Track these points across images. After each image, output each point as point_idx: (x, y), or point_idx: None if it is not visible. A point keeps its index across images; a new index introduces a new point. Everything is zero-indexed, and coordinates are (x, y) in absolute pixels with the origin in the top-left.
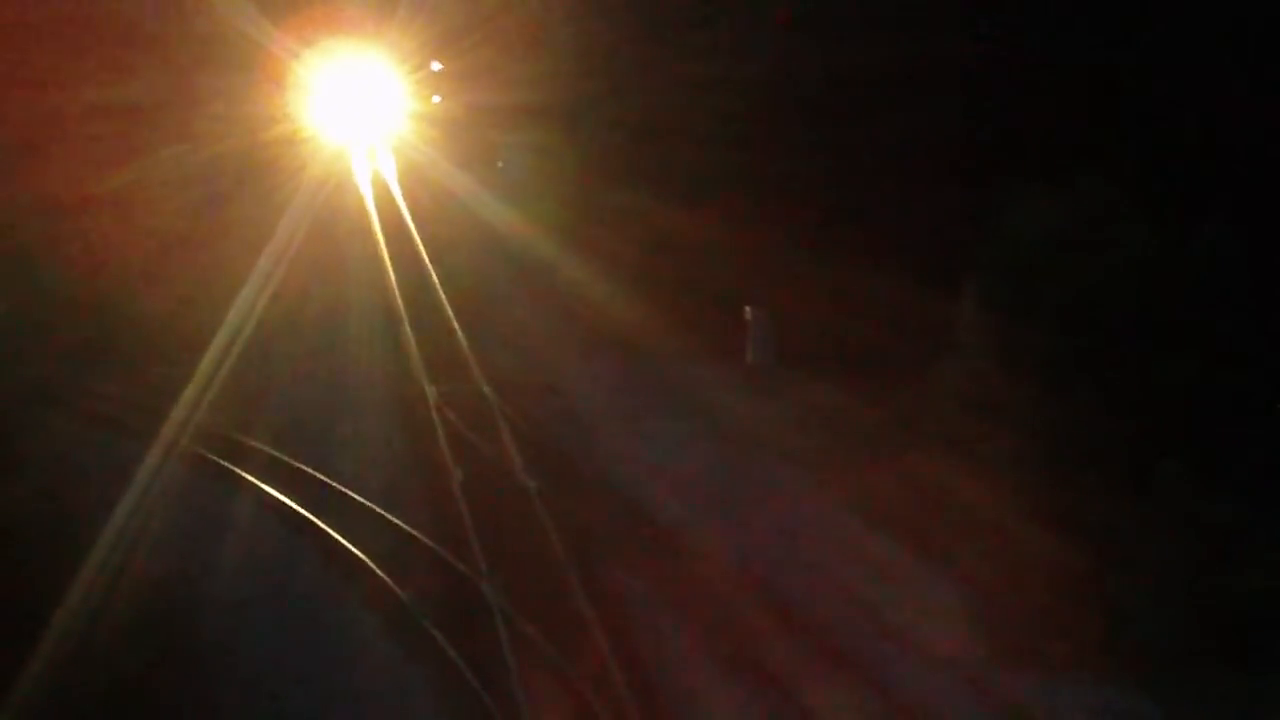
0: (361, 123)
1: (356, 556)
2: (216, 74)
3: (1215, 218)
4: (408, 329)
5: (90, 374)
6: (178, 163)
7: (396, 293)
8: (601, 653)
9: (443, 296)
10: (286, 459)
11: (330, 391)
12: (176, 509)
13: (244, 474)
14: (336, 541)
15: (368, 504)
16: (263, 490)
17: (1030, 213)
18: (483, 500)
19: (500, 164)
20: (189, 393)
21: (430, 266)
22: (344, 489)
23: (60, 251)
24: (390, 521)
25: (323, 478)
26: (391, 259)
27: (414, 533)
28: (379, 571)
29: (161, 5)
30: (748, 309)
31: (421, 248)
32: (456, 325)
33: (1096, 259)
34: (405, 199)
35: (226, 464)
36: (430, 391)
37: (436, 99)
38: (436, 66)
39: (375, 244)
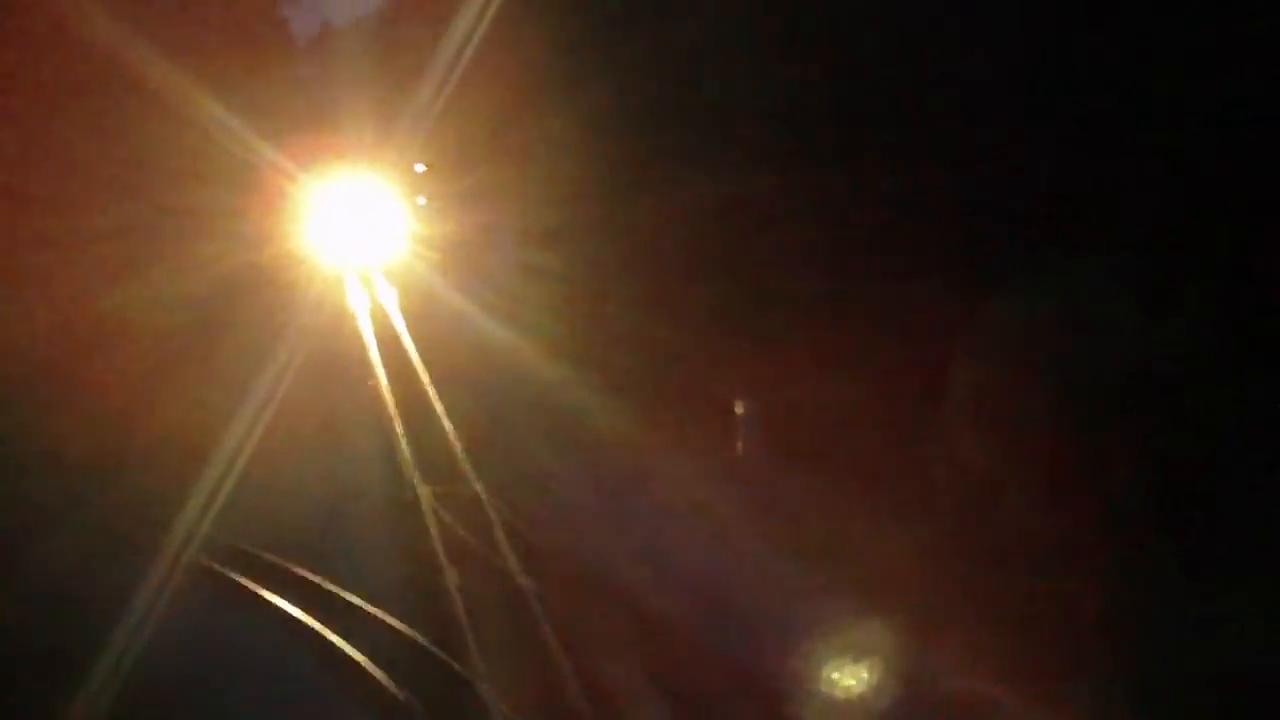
0: (359, 245)
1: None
2: (210, 194)
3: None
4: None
5: (90, 491)
6: (169, 285)
7: (395, 417)
8: None
9: (445, 422)
10: (287, 565)
11: (330, 513)
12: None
13: (243, 580)
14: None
15: (363, 605)
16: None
17: (1022, 298)
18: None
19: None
20: (188, 510)
21: (428, 386)
22: (339, 590)
23: (52, 376)
24: (385, 622)
25: (318, 580)
26: (392, 387)
27: (409, 632)
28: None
29: (152, 125)
30: (737, 404)
31: (420, 368)
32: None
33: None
34: (407, 327)
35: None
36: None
37: (421, 201)
38: (420, 168)
39: (372, 370)
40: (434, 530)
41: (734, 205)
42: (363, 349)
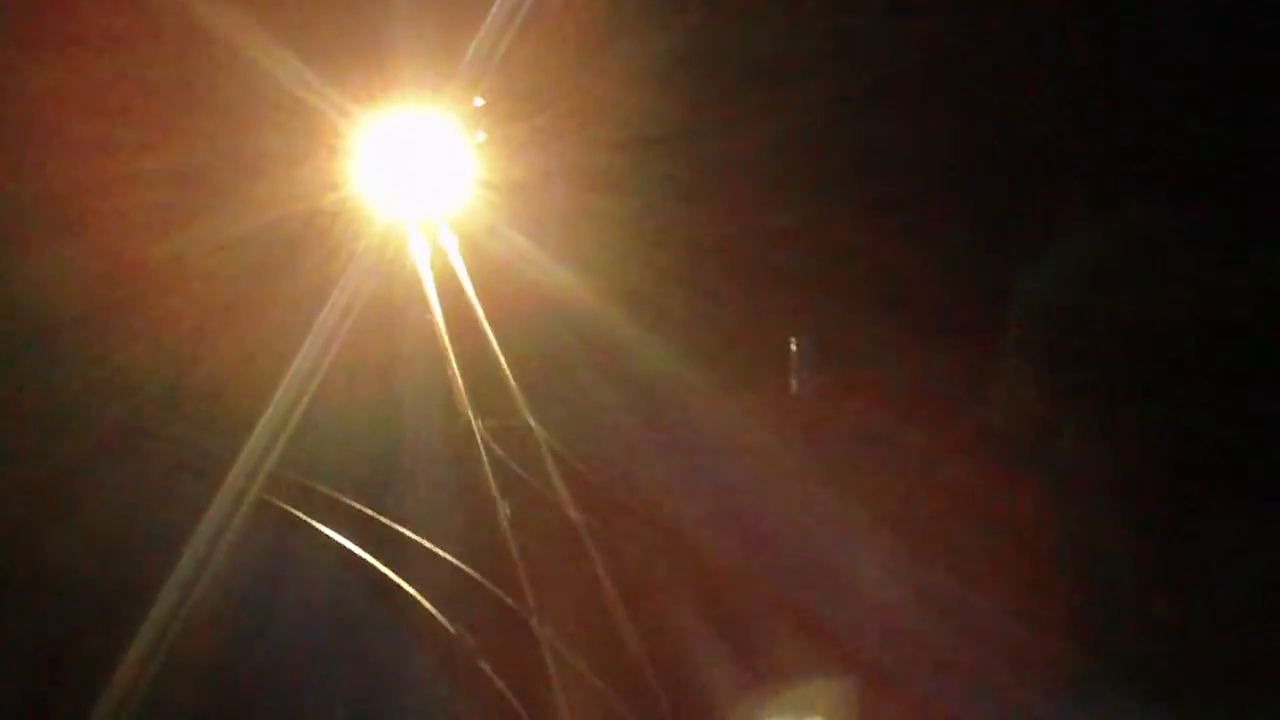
0: (419, 188)
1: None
2: (264, 137)
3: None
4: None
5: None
6: (226, 230)
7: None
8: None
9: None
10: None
11: (388, 449)
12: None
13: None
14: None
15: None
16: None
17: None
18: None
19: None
20: (251, 444)
21: (485, 325)
22: (394, 525)
23: (116, 315)
24: (439, 556)
25: (374, 514)
26: (449, 326)
27: (461, 566)
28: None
29: (205, 66)
30: (792, 341)
31: (478, 309)
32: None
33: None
34: (466, 270)
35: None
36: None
37: (481, 136)
38: (479, 102)
39: (430, 307)
40: (487, 463)
41: (792, 152)
42: (422, 293)
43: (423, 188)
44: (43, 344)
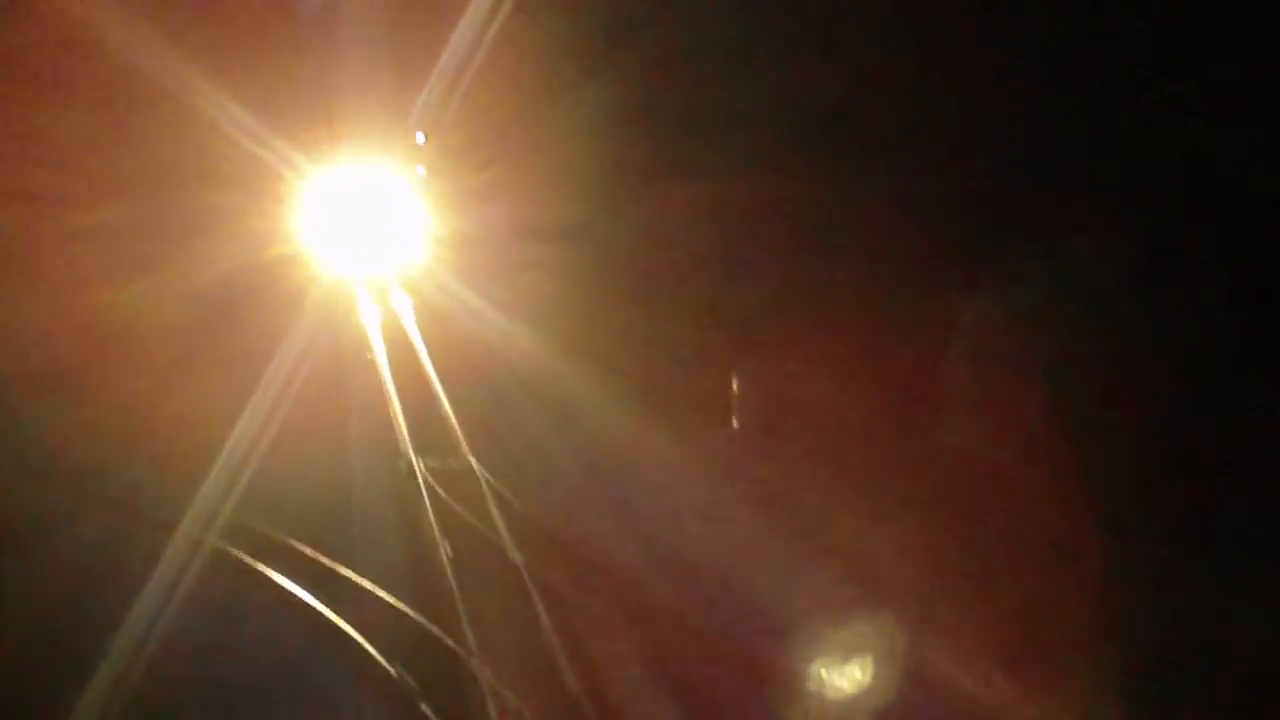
0: (369, 244)
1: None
2: (212, 190)
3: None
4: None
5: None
6: (175, 284)
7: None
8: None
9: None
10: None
11: (335, 493)
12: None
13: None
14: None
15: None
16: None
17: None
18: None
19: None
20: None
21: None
22: (338, 566)
23: (63, 370)
24: (380, 597)
25: (319, 556)
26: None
27: (403, 607)
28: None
29: (152, 118)
30: (733, 377)
31: (428, 363)
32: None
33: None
34: (415, 324)
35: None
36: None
37: (421, 171)
38: (420, 139)
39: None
40: (428, 503)
41: (732, 203)
42: (368, 341)
43: (371, 241)
44: None
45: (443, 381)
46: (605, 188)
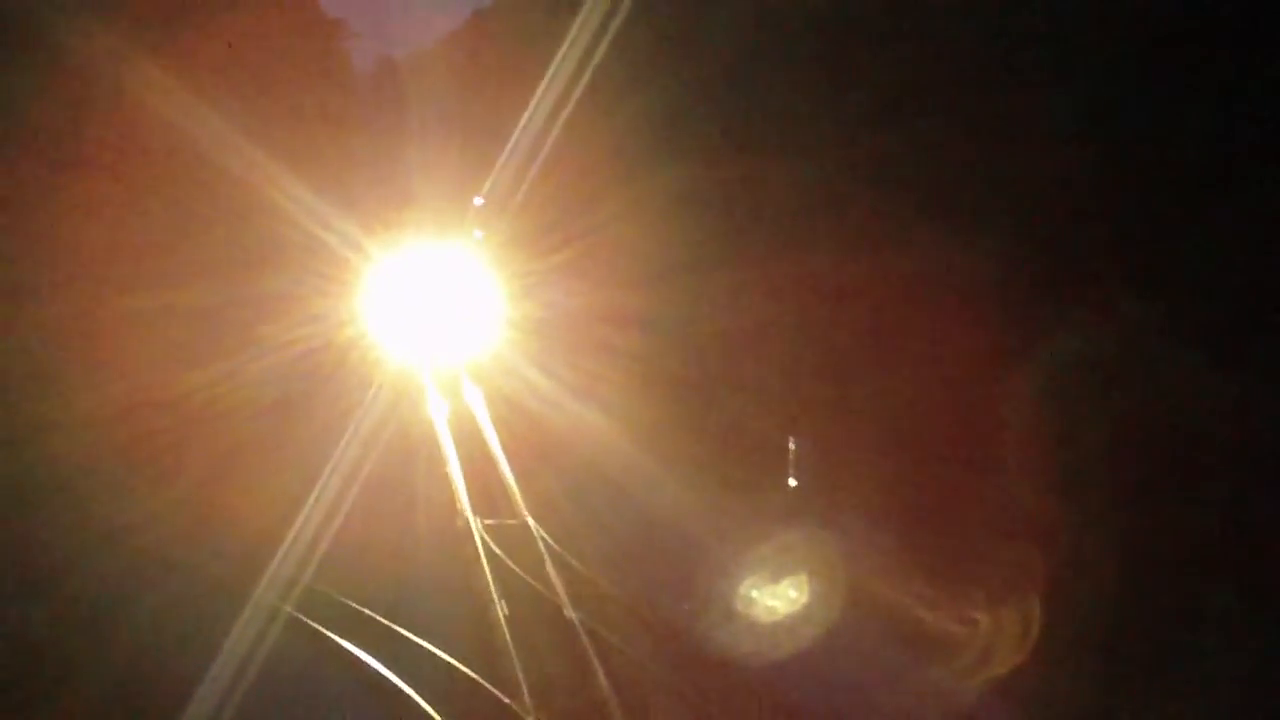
0: (437, 328)
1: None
2: (275, 273)
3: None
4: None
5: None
6: (245, 368)
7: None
8: None
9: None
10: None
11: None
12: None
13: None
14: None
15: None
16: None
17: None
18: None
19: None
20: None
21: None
22: (398, 628)
23: (131, 456)
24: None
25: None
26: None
27: (458, 665)
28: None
29: (221, 202)
30: (790, 441)
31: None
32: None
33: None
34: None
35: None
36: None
37: (479, 235)
38: (479, 201)
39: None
40: (485, 562)
41: (805, 285)
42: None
43: (442, 324)
44: (70, 479)
45: (507, 456)
46: (672, 273)
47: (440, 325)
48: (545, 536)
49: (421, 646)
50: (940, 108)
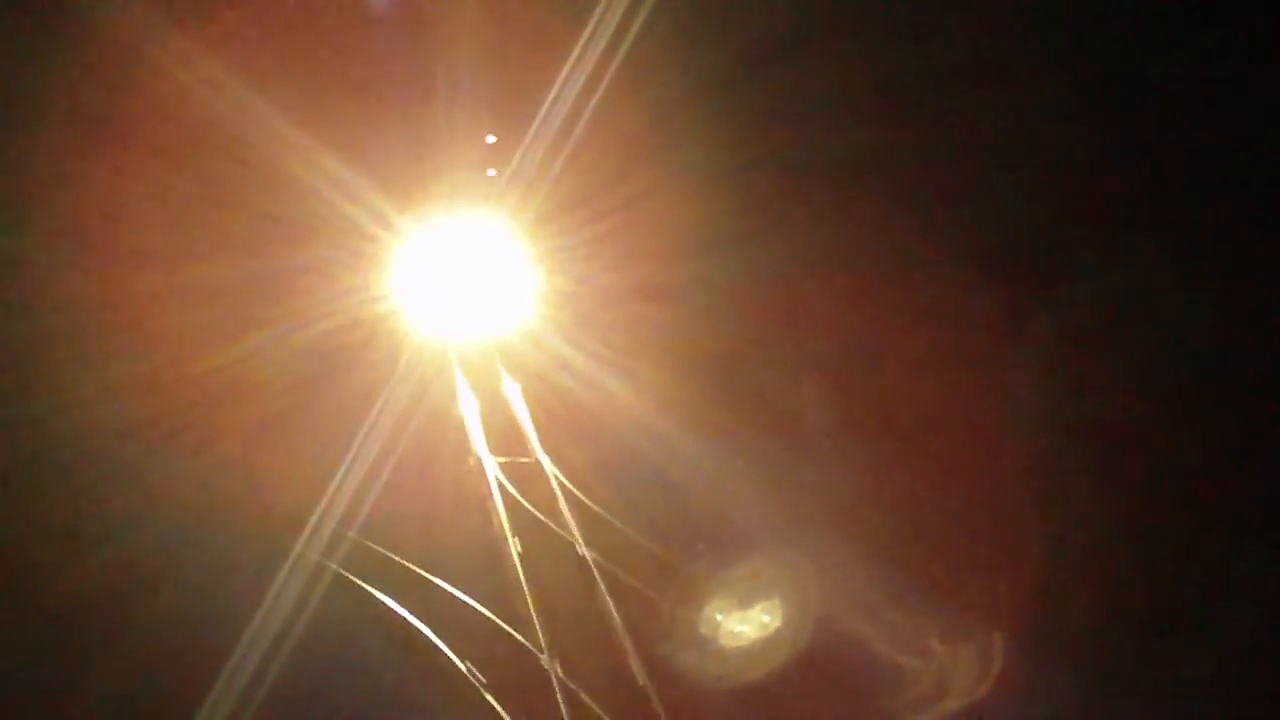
0: (471, 306)
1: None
2: (310, 247)
3: None
4: None
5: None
6: (272, 344)
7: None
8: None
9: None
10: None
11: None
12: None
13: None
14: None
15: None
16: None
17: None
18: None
19: None
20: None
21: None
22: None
23: (164, 428)
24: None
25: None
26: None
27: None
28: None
29: (248, 176)
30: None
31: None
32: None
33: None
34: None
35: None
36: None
37: (491, 172)
38: (491, 139)
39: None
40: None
41: (848, 252)
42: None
43: (473, 297)
44: (107, 446)
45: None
46: (706, 245)
47: (472, 298)
48: (559, 475)
49: (445, 589)
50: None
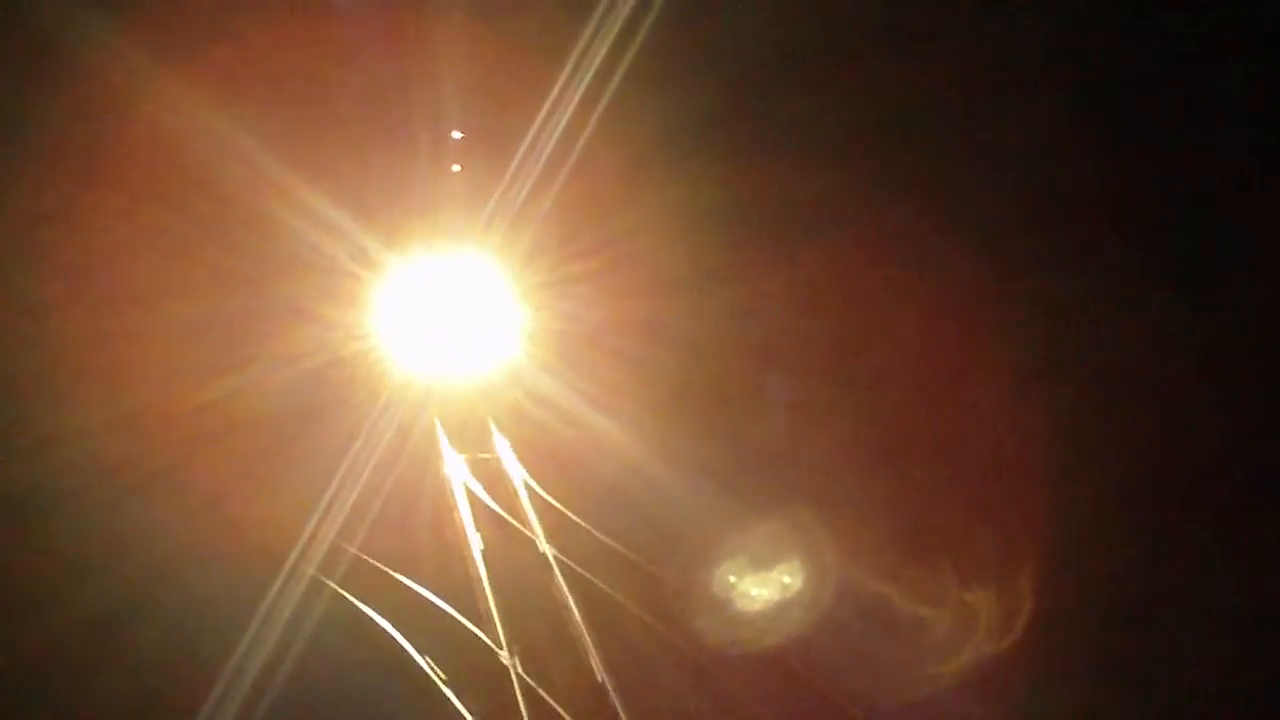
0: (459, 339)
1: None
2: (288, 285)
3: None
4: None
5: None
6: (255, 382)
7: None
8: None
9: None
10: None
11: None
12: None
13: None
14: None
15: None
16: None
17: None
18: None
19: None
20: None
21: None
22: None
23: (153, 464)
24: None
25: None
26: None
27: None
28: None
29: (230, 214)
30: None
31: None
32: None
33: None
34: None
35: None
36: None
37: (456, 169)
38: (457, 135)
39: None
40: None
41: (831, 291)
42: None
43: (459, 334)
44: (85, 486)
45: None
46: (692, 282)
47: (457, 335)
48: (525, 475)
49: (412, 589)
50: (962, 119)
